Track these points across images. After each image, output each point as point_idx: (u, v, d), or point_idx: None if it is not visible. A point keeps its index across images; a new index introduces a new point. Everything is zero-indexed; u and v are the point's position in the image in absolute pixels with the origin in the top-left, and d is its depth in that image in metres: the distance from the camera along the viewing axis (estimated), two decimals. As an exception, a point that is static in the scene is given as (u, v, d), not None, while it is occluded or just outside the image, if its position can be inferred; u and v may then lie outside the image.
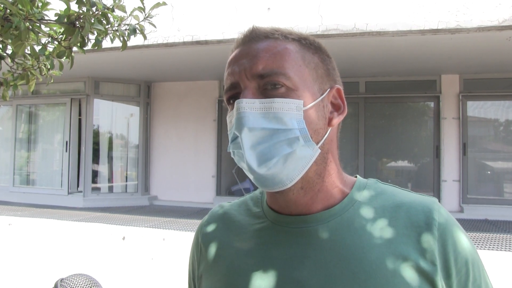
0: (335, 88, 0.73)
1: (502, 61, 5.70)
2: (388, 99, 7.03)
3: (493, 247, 4.26)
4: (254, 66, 0.67)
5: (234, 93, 0.70)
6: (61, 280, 1.15)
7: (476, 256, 0.69)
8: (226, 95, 0.71)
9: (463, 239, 0.68)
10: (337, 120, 0.72)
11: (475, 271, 0.68)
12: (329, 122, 0.71)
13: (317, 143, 0.68)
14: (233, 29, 5.07)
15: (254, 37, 0.71)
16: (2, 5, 1.39)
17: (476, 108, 6.67)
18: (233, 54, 0.72)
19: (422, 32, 4.56)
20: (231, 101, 0.70)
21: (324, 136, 0.70)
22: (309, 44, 0.72)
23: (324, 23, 4.76)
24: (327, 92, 0.72)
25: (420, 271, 0.64)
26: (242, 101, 0.66)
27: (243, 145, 0.66)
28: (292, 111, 0.66)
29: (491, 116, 6.66)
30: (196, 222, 5.66)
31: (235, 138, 0.68)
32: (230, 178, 7.74)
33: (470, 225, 5.58)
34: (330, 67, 0.74)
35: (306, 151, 0.67)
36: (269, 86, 0.67)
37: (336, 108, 0.73)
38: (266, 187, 0.69)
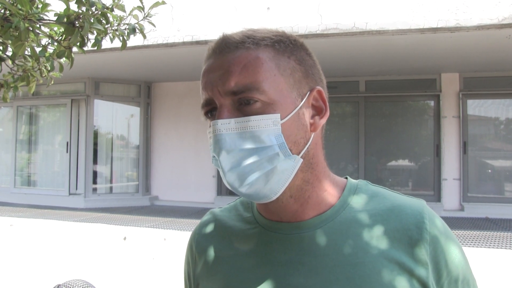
0: (316, 90, 0.70)
1: (502, 59, 5.69)
2: (388, 98, 7.02)
3: (493, 246, 4.26)
4: (227, 82, 0.64)
5: (210, 108, 0.68)
6: (58, 286, 1.16)
7: (468, 271, 0.70)
8: (203, 110, 0.70)
9: (455, 253, 0.68)
10: (320, 124, 0.70)
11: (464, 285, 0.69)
12: (312, 127, 0.69)
13: (299, 153, 0.67)
14: (233, 28, 5.04)
15: (224, 47, 0.68)
16: (1, 5, 1.40)
17: (476, 107, 6.67)
18: (206, 65, 0.70)
19: (422, 30, 4.56)
20: (209, 115, 0.69)
21: (306, 145, 0.68)
22: (284, 48, 0.68)
23: (323, 22, 4.75)
24: (306, 98, 0.68)
25: (413, 276, 0.64)
26: (218, 122, 0.64)
27: (222, 168, 0.65)
28: (269, 127, 0.64)
29: (492, 115, 6.66)
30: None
31: (214, 157, 0.67)
32: (230, 178, 7.72)
33: (470, 224, 5.58)
34: (309, 66, 0.71)
35: (287, 164, 0.65)
36: (244, 102, 0.64)
37: (318, 110, 0.71)
38: (252, 200, 0.69)
